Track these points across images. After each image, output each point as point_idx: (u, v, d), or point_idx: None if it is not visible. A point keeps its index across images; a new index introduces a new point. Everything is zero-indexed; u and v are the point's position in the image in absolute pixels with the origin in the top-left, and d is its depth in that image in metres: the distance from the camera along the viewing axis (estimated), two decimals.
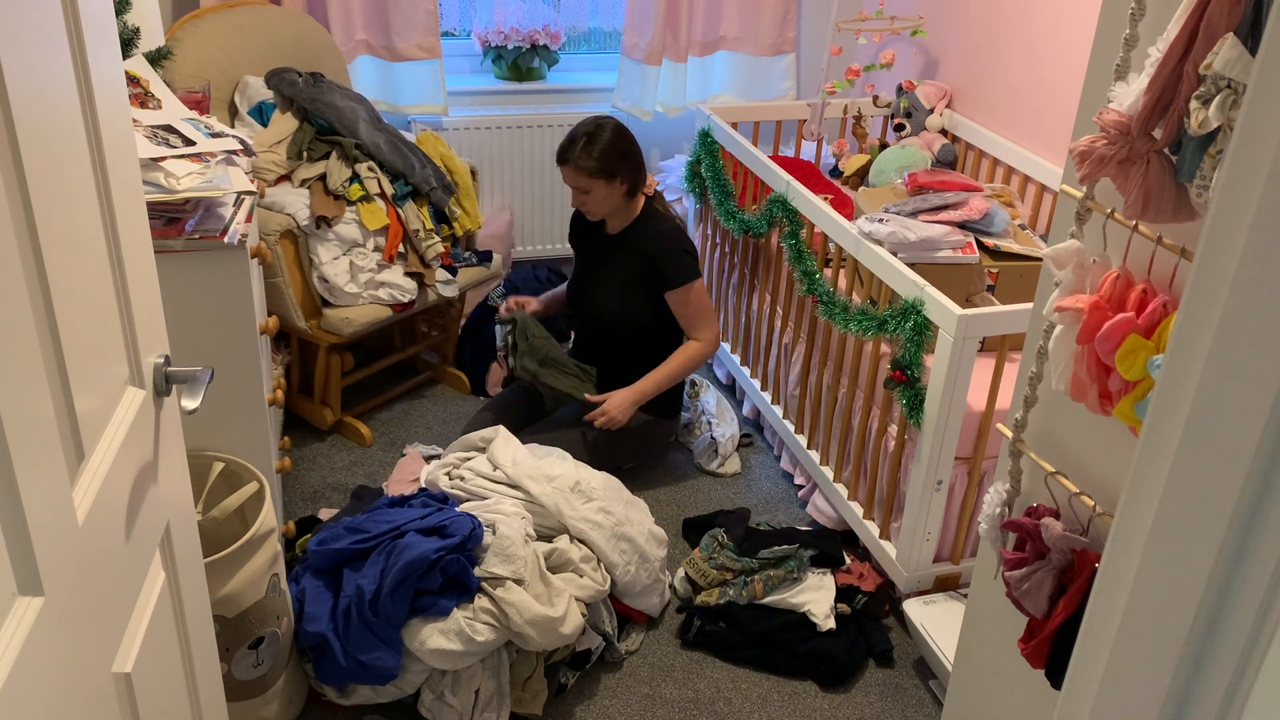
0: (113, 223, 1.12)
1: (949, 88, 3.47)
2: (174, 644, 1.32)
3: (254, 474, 2.06)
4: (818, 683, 2.38)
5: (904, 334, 2.34)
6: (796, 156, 3.60)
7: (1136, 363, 1.27)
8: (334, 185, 2.84)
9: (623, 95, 3.81)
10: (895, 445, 2.49)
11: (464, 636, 2.08)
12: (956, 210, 2.65)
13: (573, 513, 2.36)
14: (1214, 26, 1.12)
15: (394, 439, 3.14)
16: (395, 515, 2.26)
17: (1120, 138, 1.24)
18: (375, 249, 2.90)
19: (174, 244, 1.94)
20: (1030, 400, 1.59)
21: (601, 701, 2.31)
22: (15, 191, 0.87)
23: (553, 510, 2.36)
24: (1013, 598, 1.54)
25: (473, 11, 3.82)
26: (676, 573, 2.61)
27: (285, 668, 2.09)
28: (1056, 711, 1.12)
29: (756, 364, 3.24)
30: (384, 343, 3.40)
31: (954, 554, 2.52)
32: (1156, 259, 1.34)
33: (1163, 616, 0.93)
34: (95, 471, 1.04)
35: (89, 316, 1.04)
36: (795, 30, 3.87)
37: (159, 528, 1.26)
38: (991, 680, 1.81)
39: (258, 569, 1.92)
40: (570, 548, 2.31)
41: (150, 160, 1.93)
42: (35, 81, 0.91)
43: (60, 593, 0.92)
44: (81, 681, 0.98)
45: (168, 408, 1.30)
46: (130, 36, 2.40)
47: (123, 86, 1.20)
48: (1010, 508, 1.66)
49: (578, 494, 2.40)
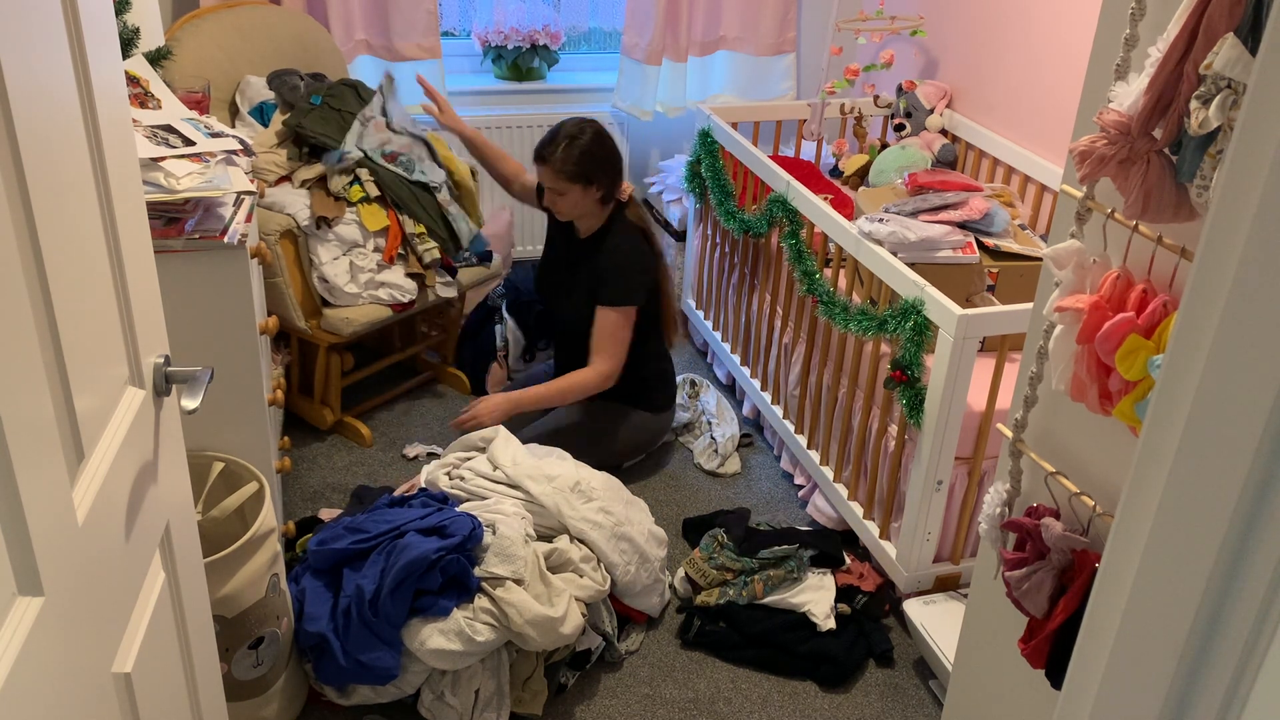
0: (113, 223, 1.12)
1: (949, 88, 3.47)
2: (174, 644, 1.32)
3: (254, 474, 2.06)
4: (818, 683, 2.38)
5: (904, 334, 2.34)
6: (796, 156, 3.60)
7: (1136, 363, 1.27)
8: (335, 187, 2.84)
9: (623, 95, 3.81)
10: (895, 445, 2.49)
11: (464, 637, 2.08)
12: (956, 210, 2.65)
13: (573, 513, 2.36)
14: (1214, 26, 1.12)
15: (394, 439, 3.14)
16: (395, 515, 2.26)
17: (1120, 138, 1.24)
18: (375, 249, 2.90)
19: (174, 244, 1.94)
20: (1030, 400, 1.59)
21: (601, 701, 2.31)
22: (15, 192, 0.87)
23: (553, 510, 2.36)
24: (1013, 598, 1.54)
25: (473, 11, 3.83)
26: (676, 573, 2.61)
27: (285, 668, 2.09)
28: (1056, 711, 1.12)
29: (756, 364, 3.24)
30: (384, 343, 3.40)
31: (954, 554, 2.52)
32: (1156, 259, 1.34)
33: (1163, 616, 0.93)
34: (95, 472, 1.04)
35: (89, 316, 1.04)
36: (795, 30, 3.87)
37: (159, 528, 1.26)
38: (991, 680, 1.81)
39: (258, 569, 1.92)
40: (570, 548, 2.31)
41: (150, 160, 1.93)
42: (35, 81, 0.91)
43: (60, 593, 0.92)
44: (81, 681, 0.98)
45: (168, 408, 1.30)
46: (130, 36, 2.40)
47: (123, 86, 1.20)
48: (1010, 508, 1.66)
49: (578, 494, 2.40)
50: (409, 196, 2.96)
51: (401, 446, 3.10)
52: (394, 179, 2.95)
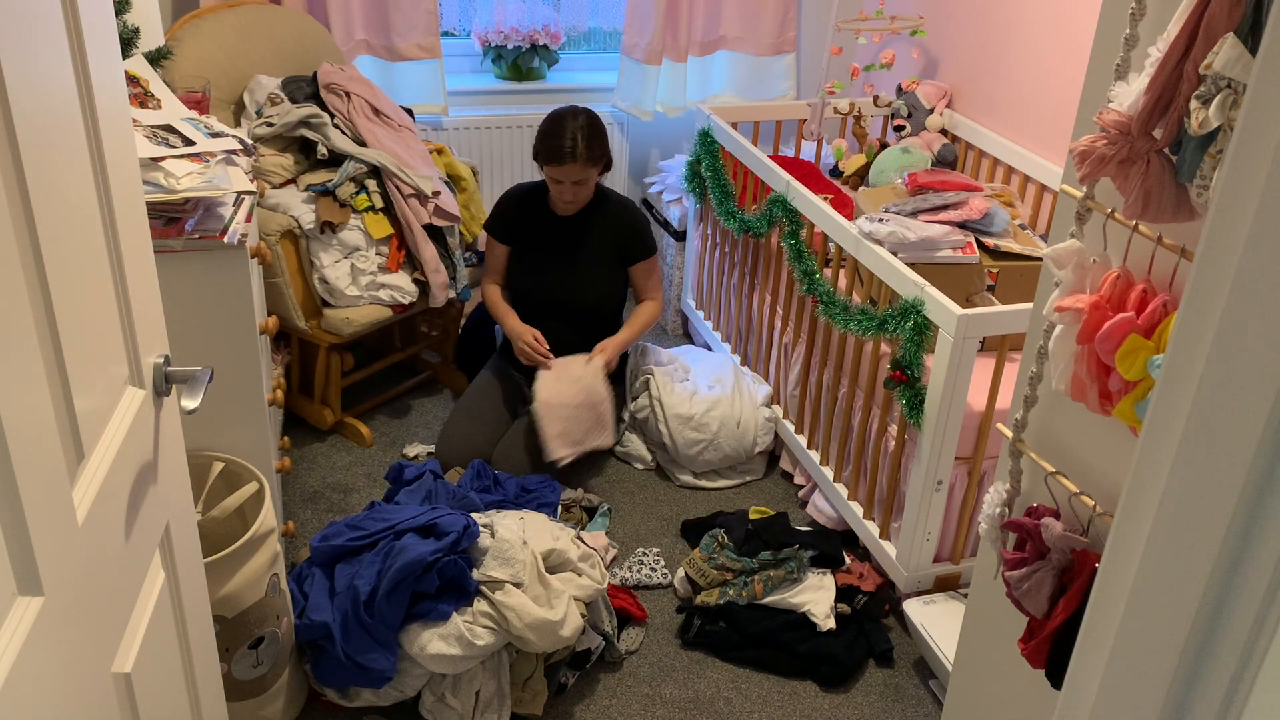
0: (113, 223, 1.12)
1: (949, 87, 3.47)
2: (174, 644, 1.32)
3: (254, 474, 2.06)
4: (818, 683, 2.38)
5: (904, 334, 2.34)
6: (796, 156, 3.60)
7: (1136, 363, 1.27)
8: (342, 195, 2.85)
9: (623, 95, 3.81)
10: (895, 445, 2.49)
11: (464, 641, 2.08)
12: (956, 210, 2.65)
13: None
14: (1214, 26, 1.12)
15: (394, 439, 3.14)
16: (391, 513, 2.27)
17: (1120, 138, 1.24)
18: (377, 253, 2.90)
19: (174, 244, 1.94)
20: (1030, 400, 1.59)
21: (601, 701, 2.31)
22: (15, 192, 0.87)
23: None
24: (1013, 598, 1.54)
25: (473, 11, 3.82)
26: (676, 573, 2.61)
27: (285, 668, 2.09)
28: (1056, 711, 1.12)
29: (756, 364, 3.24)
30: (384, 343, 3.40)
31: (954, 554, 2.52)
32: (1156, 259, 1.34)
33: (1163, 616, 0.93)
34: (95, 471, 1.04)
35: (89, 316, 1.04)
36: (795, 30, 3.87)
37: (159, 528, 1.26)
38: (991, 680, 1.81)
39: (257, 569, 1.92)
40: (569, 547, 2.31)
41: (150, 160, 1.93)
42: (35, 81, 0.91)
43: (60, 593, 0.92)
44: (81, 681, 0.98)
45: (168, 408, 1.30)
46: (130, 36, 2.40)
47: (123, 86, 1.19)
48: (1010, 508, 1.66)
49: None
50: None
51: (401, 446, 3.10)
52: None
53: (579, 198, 2.90)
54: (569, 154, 2.79)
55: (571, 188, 2.86)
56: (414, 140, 3.11)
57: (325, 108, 2.97)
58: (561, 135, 2.80)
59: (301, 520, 2.76)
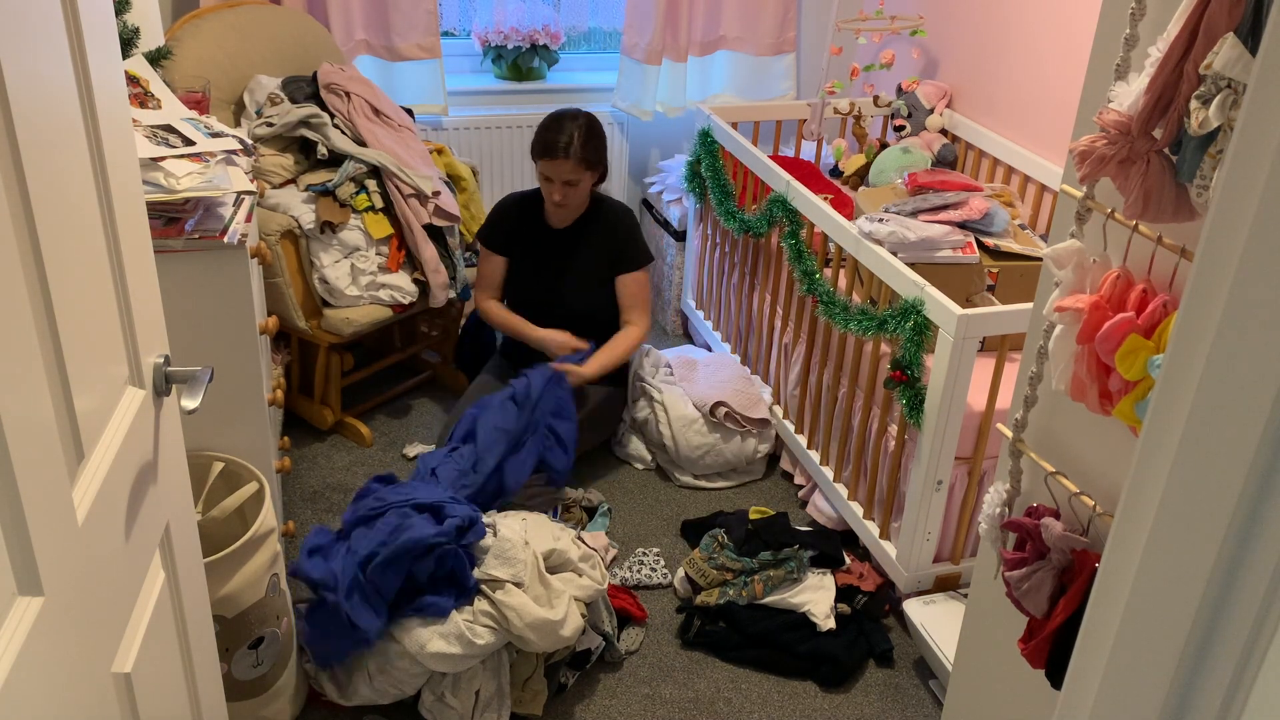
0: (113, 223, 1.12)
1: (949, 87, 3.47)
2: (174, 644, 1.32)
3: (254, 474, 2.06)
4: (818, 683, 2.38)
5: (904, 334, 2.34)
6: (796, 156, 3.60)
7: (1136, 363, 1.27)
8: (342, 195, 2.85)
9: (623, 95, 3.81)
10: (895, 445, 2.49)
11: (464, 640, 2.09)
12: (956, 210, 2.65)
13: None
14: (1214, 26, 1.12)
15: (394, 439, 3.14)
16: (410, 489, 2.34)
17: (1120, 138, 1.24)
18: (377, 253, 2.90)
19: (174, 244, 1.94)
20: (1030, 400, 1.59)
21: (601, 701, 2.31)
22: (15, 192, 0.87)
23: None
24: (1013, 598, 1.54)
25: (473, 11, 3.82)
26: (677, 573, 2.61)
27: (285, 667, 2.09)
28: (1056, 711, 1.12)
29: (756, 364, 3.24)
30: (384, 343, 3.40)
31: (954, 554, 2.52)
32: (1156, 259, 1.34)
33: (1163, 616, 0.93)
34: (95, 471, 1.04)
35: (89, 316, 1.04)
36: (795, 30, 3.87)
37: (159, 528, 1.26)
38: (991, 680, 1.81)
39: (257, 569, 1.92)
40: (570, 547, 2.31)
41: (150, 160, 1.93)
42: (35, 81, 0.91)
43: (60, 593, 0.92)
44: (81, 681, 0.98)
45: (168, 408, 1.30)
46: (130, 36, 2.40)
47: (123, 86, 1.20)
48: (1010, 508, 1.66)
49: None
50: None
51: (401, 446, 3.10)
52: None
53: (569, 201, 2.86)
54: (563, 150, 2.78)
55: (561, 187, 2.83)
56: (414, 140, 3.11)
57: (325, 108, 2.97)
58: (559, 131, 2.79)
59: (301, 520, 2.76)
